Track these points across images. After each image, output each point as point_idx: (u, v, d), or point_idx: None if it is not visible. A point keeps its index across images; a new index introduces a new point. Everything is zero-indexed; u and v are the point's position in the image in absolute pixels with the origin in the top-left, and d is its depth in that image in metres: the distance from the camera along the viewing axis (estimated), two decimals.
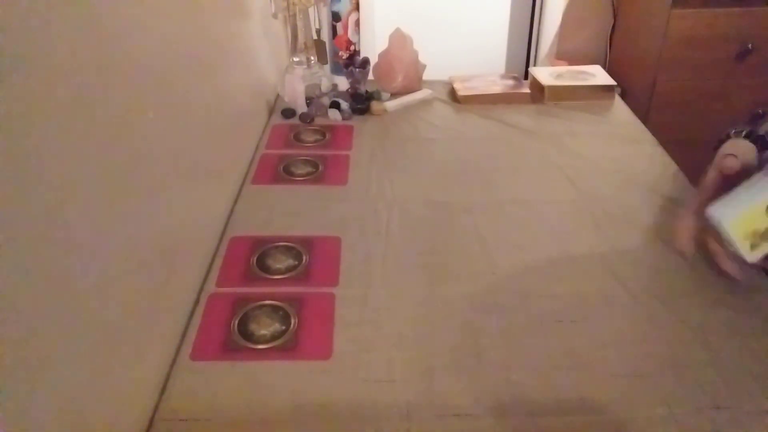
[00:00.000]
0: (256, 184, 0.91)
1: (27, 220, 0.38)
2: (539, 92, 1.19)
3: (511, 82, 1.22)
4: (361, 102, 1.13)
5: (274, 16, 1.07)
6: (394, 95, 1.17)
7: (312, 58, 1.12)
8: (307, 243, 0.76)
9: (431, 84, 1.22)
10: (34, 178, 0.39)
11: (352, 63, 1.14)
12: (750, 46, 1.62)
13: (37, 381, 0.39)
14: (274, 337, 0.63)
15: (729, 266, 0.60)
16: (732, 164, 0.57)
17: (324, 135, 1.05)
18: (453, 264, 0.74)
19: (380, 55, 1.19)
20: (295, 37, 1.09)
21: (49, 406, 0.41)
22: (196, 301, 0.68)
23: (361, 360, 0.61)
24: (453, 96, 1.20)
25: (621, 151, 1.00)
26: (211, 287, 0.70)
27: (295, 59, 1.11)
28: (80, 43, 0.45)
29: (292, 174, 0.93)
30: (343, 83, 1.17)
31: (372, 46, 1.83)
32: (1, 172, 0.36)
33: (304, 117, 1.09)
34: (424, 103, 1.18)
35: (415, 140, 1.04)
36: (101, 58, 0.48)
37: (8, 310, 0.36)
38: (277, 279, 0.71)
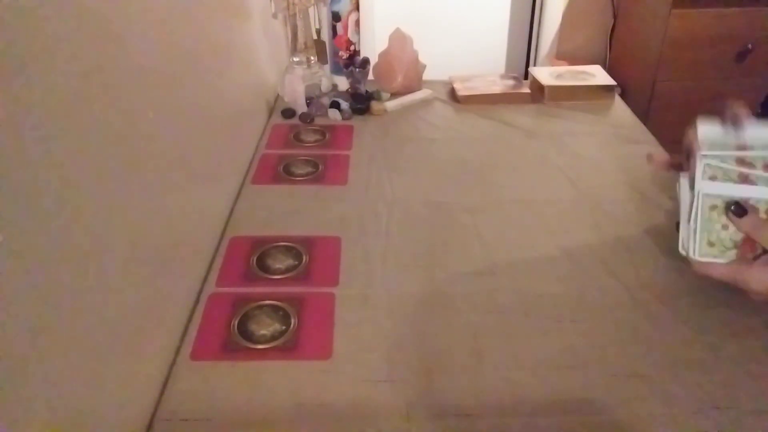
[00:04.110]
0: (256, 184, 0.91)
1: (26, 221, 0.38)
2: (539, 92, 1.19)
3: (511, 82, 1.22)
4: (361, 102, 1.13)
5: (274, 16, 1.07)
6: (394, 95, 1.17)
7: (312, 58, 1.12)
8: (307, 243, 0.76)
9: (431, 84, 1.22)
10: (34, 178, 0.39)
11: (352, 63, 1.14)
12: (750, 46, 1.62)
13: (36, 381, 0.39)
14: (274, 337, 0.63)
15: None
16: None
17: (324, 135, 1.05)
18: (453, 264, 0.74)
19: (380, 55, 1.19)
20: (295, 37, 1.09)
21: (48, 407, 0.41)
22: (196, 301, 0.68)
23: (361, 360, 0.61)
24: (453, 96, 1.20)
25: (621, 151, 1.00)
26: (211, 287, 0.70)
27: (295, 59, 1.11)
28: (80, 43, 0.45)
29: (292, 174, 0.93)
30: (343, 83, 1.17)
31: (372, 46, 1.83)
32: (0, 172, 0.36)
33: (304, 117, 1.09)
34: (424, 103, 1.18)
35: (415, 140, 1.04)
36: (101, 58, 0.48)
37: (7, 310, 0.36)
38: (277, 279, 0.71)
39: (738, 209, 0.55)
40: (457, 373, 0.59)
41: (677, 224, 0.61)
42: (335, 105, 1.11)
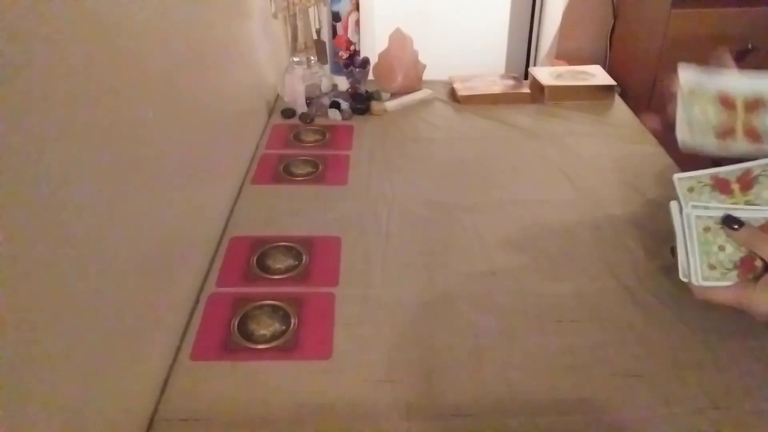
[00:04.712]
0: (256, 184, 0.91)
1: (27, 221, 0.38)
2: (539, 92, 1.19)
3: (511, 82, 1.22)
4: (361, 102, 1.13)
5: (274, 16, 1.07)
6: (394, 95, 1.17)
7: (312, 58, 1.12)
8: (307, 243, 0.76)
9: (431, 84, 1.22)
10: (34, 177, 0.39)
11: (352, 63, 1.14)
12: (750, 46, 1.62)
13: (36, 381, 0.39)
14: (274, 337, 0.63)
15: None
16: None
17: (324, 135, 1.05)
18: (453, 264, 0.74)
19: (380, 55, 1.19)
20: (295, 37, 1.09)
21: (48, 407, 0.41)
22: (196, 301, 0.68)
23: (361, 360, 0.61)
24: (453, 96, 1.20)
25: (621, 151, 1.00)
26: (211, 287, 0.70)
27: (295, 59, 1.11)
28: (79, 44, 0.45)
29: (292, 174, 0.93)
30: (343, 83, 1.17)
31: (372, 46, 1.83)
32: (0, 172, 0.36)
33: (304, 117, 1.09)
34: (424, 103, 1.18)
35: (415, 140, 1.04)
36: (101, 58, 0.48)
37: (7, 310, 0.36)
38: (277, 279, 0.71)
39: (734, 221, 0.55)
40: (457, 373, 0.59)
41: (672, 249, 0.60)
42: (335, 105, 1.11)
